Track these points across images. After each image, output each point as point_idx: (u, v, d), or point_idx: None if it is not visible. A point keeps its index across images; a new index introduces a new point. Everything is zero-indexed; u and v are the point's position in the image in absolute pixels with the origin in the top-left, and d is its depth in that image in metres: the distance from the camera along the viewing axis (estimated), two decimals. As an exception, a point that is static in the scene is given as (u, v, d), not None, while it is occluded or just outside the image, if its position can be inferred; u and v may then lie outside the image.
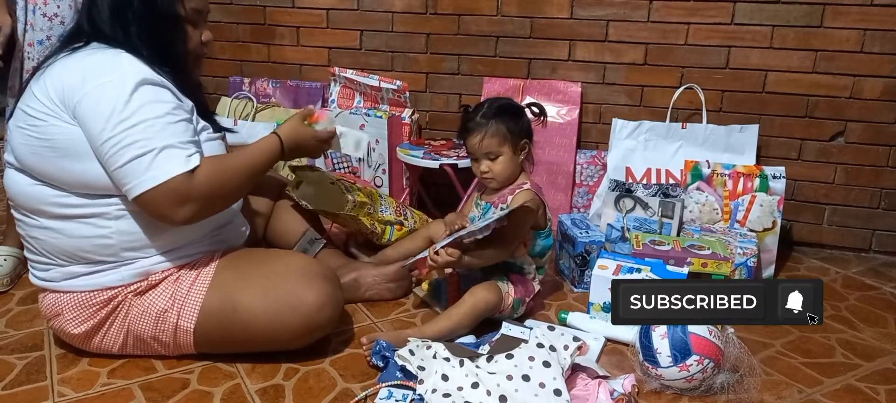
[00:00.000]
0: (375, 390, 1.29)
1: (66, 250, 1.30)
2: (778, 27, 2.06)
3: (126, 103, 1.20)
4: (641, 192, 1.94)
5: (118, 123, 1.19)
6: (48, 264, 1.33)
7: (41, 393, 1.30)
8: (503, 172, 1.61)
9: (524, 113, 1.64)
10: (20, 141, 1.27)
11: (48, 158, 1.24)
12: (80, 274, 1.31)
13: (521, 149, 1.62)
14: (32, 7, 1.73)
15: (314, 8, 2.47)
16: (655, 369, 1.32)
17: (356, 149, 1.70)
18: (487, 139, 1.57)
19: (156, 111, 1.22)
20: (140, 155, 1.19)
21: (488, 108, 1.60)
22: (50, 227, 1.29)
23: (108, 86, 1.21)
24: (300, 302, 1.33)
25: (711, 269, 1.64)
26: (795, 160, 2.16)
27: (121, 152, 1.19)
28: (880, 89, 2.04)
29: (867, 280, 1.99)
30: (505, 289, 1.58)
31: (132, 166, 1.20)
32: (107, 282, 1.31)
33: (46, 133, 1.23)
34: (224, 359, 1.40)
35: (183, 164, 1.22)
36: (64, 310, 1.33)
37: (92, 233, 1.28)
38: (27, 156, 1.26)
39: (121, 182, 1.22)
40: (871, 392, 1.40)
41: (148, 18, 1.31)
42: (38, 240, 1.32)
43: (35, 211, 1.30)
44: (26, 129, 1.25)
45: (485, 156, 1.60)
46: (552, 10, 2.24)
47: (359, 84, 2.39)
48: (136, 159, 1.19)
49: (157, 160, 1.20)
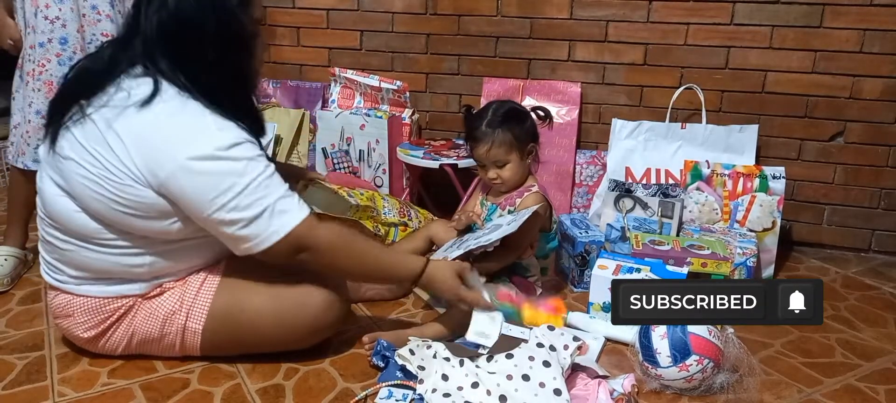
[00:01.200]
0: (375, 390, 1.29)
1: (92, 267, 1.29)
2: (777, 27, 2.06)
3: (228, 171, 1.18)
4: (641, 192, 1.94)
5: (227, 189, 1.17)
6: (65, 271, 1.32)
7: (41, 393, 1.30)
8: (512, 178, 1.61)
9: (529, 116, 1.63)
10: (82, 184, 1.21)
11: (116, 211, 1.21)
12: (96, 281, 1.31)
13: (529, 153, 1.62)
14: (34, 9, 1.72)
15: (314, 8, 2.47)
16: (655, 369, 1.32)
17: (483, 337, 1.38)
18: (495, 148, 1.58)
19: (258, 168, 1.21)
20: (257, 215, 1.19)
21: (493, 116, 1.59)
22: (82, 246, 1.27)
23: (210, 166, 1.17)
24: (307, 303, 1.33)
25: (711, 269, 1.64)
26: (795, 160, 2.16)
27: (238, 215, 1.19)
28: (880, 89, 2.04)
29: (867, 280, 2.00)
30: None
31: (253, 227, 1.20)
32: (123, 292, 1.31)
33: (124, 193, 1.19)
34: (224, 359, 1.40)
35: (300, 212, 1.23)
36: (75, 313, 1.32)
37: (125, 262, 1.28)
38: (89, 200, 1.22)
39: (239, 241, 1.22)
40: (871, 393, 1.40)
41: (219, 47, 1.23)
42: (61, 252, 1.30)
43: (70, 232, 1.27)
44: (96, 179, 1.19)
45: (493, 165, 1.60)
46: (552, 10, 2.24)
47: (359, 84, 2.39)
48: (256, 219, 1.19)
49: (275, 213, 1.21)
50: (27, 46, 1.76)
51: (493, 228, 1.53)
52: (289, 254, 1.24)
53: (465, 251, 1.49)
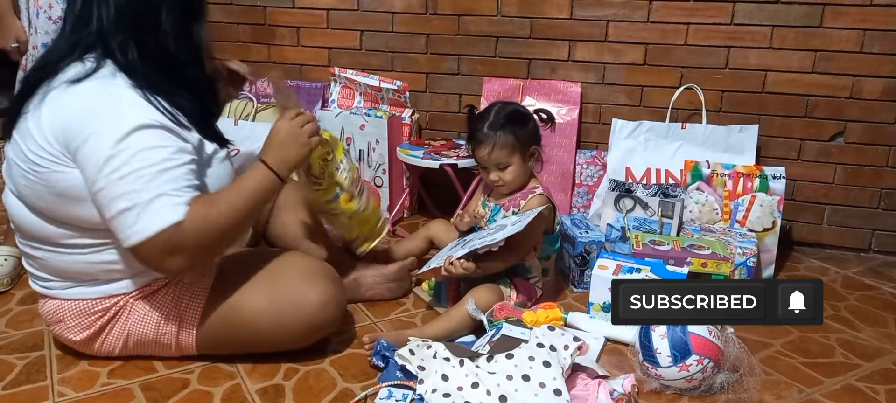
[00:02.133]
0: (375, 390, 1.29)
1: (70, 271, 1.28)
2: (778, 27, 2.06)
3: (118, 152, 1.13)
4: (641, 192, 1.94)
5: (110, 173, 1.13)
6: (49, 278, 1.32)
7: (41, 393, 1.30)
8: (514, 181, 1.61)
9: (531, 118, 1.63)
10: (22, 182, 1.21)
11: (55, 203, 1.20)
12: (82, 284, 1.30)
13: (531, 155, 1.62)
14: (36, 10, 1.72)
15: (314, 8, 2.47)
16: (655, 369, 1.32)
17: None
18: (496, 151, 1.57)
19: (149, 158, 1.14)
20: (128, 208, 1.13)
21: (495, 118, 1.59)
22: (53, 251, 1.27)
23: (103, 133, 1.13)
24: (303, 302, 1.33)
25: (711, 269, 1.64)
26: (795, 160, 2.16)
27: (112, 203, 1.14)
28: (880, 89, 2.04)
29: (867, 280, 1.99)
30: (506, 292, 1.58)
31: (121, 219, 1.14)
32: (111, 291, 1.30)
33: (50, 180, 1.18)
34: (224, 359, 1.40)
35: (171, 215, 1.14)
36: (65, 318, 1.32)
37: (98, 260, 1.26)
38: (32, 198, 1.22)
39: (114, 232, 1.17)
40: (871, 393, 1.40)
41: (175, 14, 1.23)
42: (38, 260, 1.30)
43: (39, 239, 1.27)
44: (28, 174, 1.19)
45: (495, 167, 1.60)
46: (552, 10, 2.24)
47: (359, 84, 2.39)
48: (125, 212, 1.13)
49: (144, 213, 1.13)
50: (30, 46, 1.75)
51: (498, 228, 1.53)
52: (160, 258, 1.16)
53: (470, 250, 1.49)
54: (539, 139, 1.64)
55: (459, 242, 1.61)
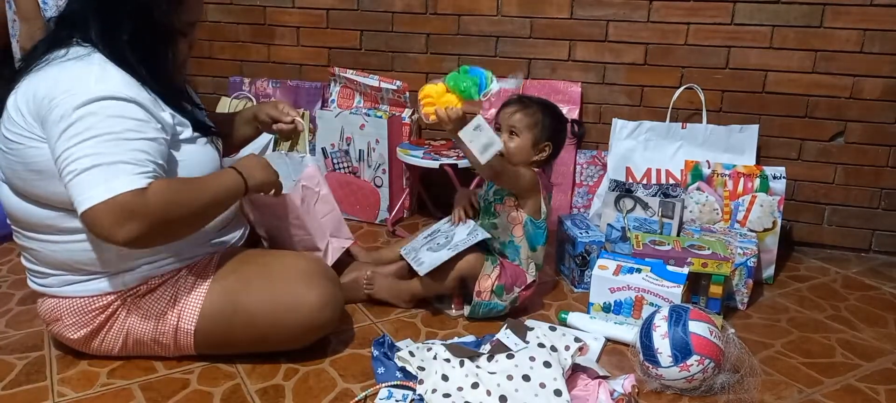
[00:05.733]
0: (375, 390, 1.29)
1: (63, 262, 1.29)
2: (778, 27, 2.06)
3: (82, 116, 1.13)
4: (641, 192, 1.94)
5: (72, 135, 1.12)
6: (45, 273, 1.32)
7: (41, 393, 1.30)
8: (515, 154, 1.62)
9: (564, 124, 1.69)
10: (3, 164, 1.25)
11: (32, 181, 1.21)
12: (78, 280, 1.30)
13: (541, 150, 1.63)
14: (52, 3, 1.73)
15: (314, 8, 2.47)
16: (656, 369, 1.32)
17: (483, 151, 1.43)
18: (519, 114, 1.63)
19: (113, 126, 1.14)
20: (88, 168, 1.11)
21: (537, 100, 1.67)
22: (45, 240, 1.27)
23: (68, 100, 1.13)
24: (301, 302, 1.33)
25: (712, 269, 1.64)
26: (795, 160, 2.16)
27: (72, 164, 1.12)
28: (880, 89, 2.04)
29: (867, 280, 1.99)
30: (489, 270, 1.58)
31: (80, 180, 1.11)
32: (107, 288, 1.30)
33: (27, 157, 1.19)
34: (224, 359, 1.40)
35: (133, 181, 1.13)
36: (63, 316, 1.32)
37: (88, 247, 1.26)
38: (14, 179, 1.24)
39: (71, 198, 1.13)
40: (871, 393, 1.40)
41: (141, 32, 1.24)
42: (33, 252, 1.31)
43: (28, 226, 1.28)
44: (9, 154, 1.22)
45: (508, 128, 1.63)
46: (552, 10, 2.24)
47: (359, 84, 2.39)
48: (85, 172, 1.11)
49: (105, 174, 1.11)
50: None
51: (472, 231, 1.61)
52: (113, 223, 1.11)
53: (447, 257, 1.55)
54: (558, 145, 1.68)
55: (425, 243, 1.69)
